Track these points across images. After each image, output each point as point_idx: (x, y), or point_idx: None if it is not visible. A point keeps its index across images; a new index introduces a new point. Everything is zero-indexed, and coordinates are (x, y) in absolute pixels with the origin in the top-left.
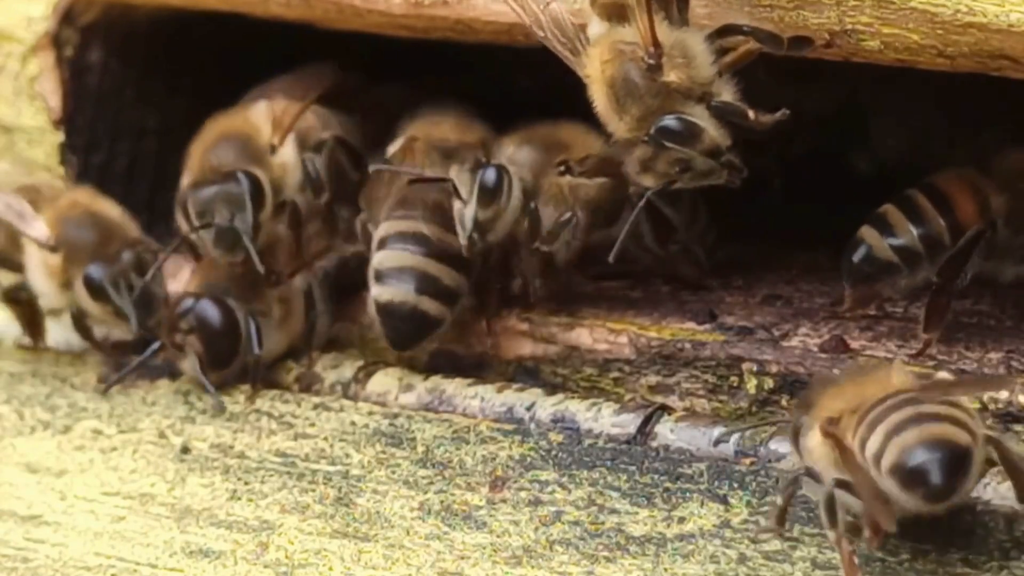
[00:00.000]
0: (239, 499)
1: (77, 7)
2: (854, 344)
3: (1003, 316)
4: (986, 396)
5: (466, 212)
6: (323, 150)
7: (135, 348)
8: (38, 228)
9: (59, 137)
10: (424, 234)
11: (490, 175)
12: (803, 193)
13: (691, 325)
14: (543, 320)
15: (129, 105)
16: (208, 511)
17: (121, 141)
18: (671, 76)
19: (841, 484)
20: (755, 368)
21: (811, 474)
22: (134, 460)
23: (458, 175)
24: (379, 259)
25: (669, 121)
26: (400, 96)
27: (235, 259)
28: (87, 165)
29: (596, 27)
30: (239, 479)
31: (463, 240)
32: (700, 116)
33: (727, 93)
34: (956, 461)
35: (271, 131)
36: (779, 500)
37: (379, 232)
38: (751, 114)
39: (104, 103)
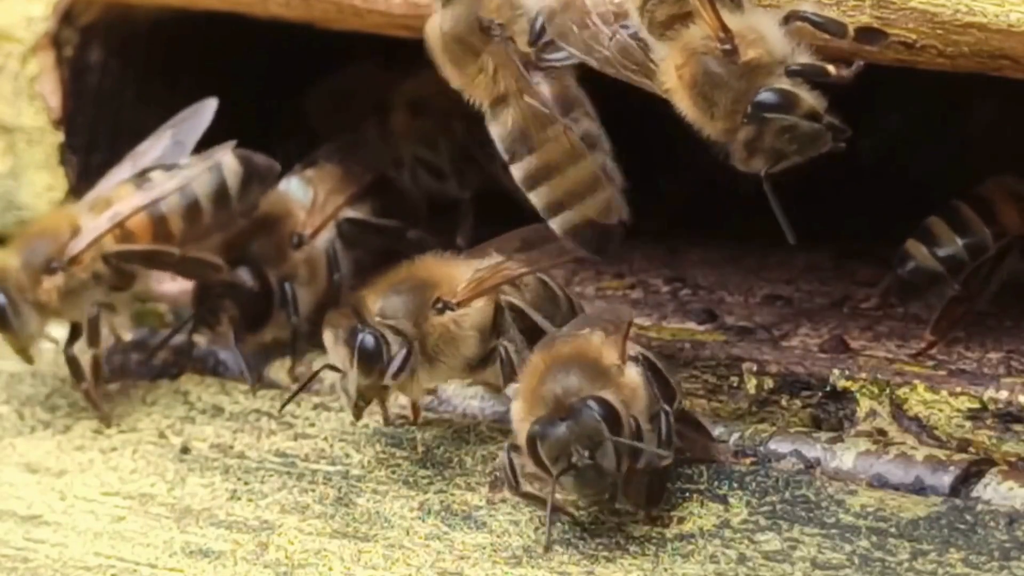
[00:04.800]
0: (239, 499)
1: (77, 7)
2: (854, 344)
3: (1003, 316)
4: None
5: (348, 384)
6: None
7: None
8: None
9: (59, 137)
10: None
11: (368, 341)
12: (804, 192)
13: (691, 325)
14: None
15: (129, 105)
16: (208, 511)
17: (121, 141)
18: (749, 54)
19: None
20: (755, 368)
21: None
22: (134, 460)
23: (333, 347)
24: None
25: (764, 94)
26: None
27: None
28: (87, 165)
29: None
30: (239, 479)
31: (352, 408)
32: (788, 84)
33: (804, 59)
34: None
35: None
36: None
37: None
38: (831, 69)
39: (104, 103)
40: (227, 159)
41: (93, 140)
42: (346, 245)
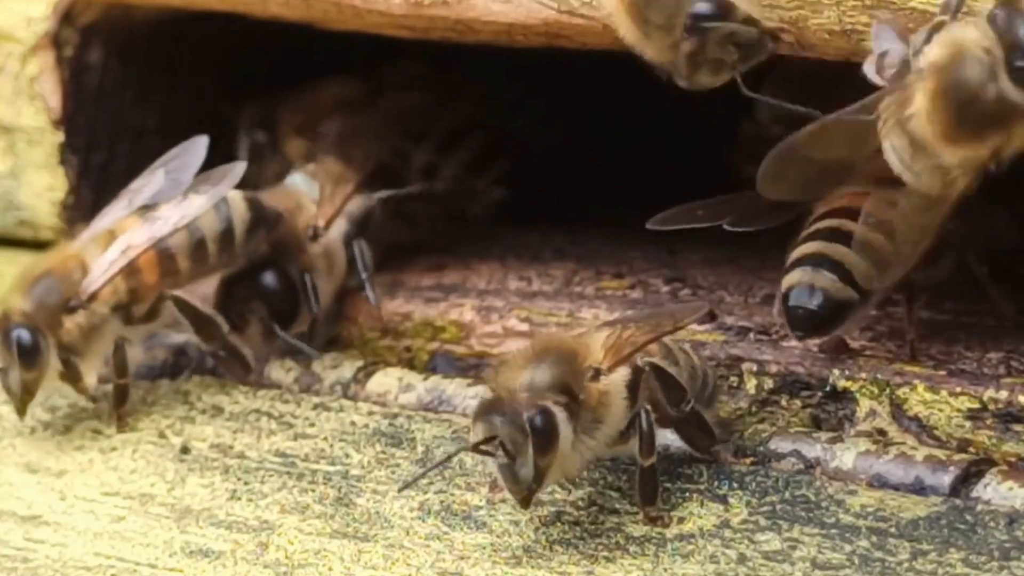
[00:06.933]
0: (239, 499)
1: (77, 7)
2: (854, 344)
3: (1003, 316)
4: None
5: (521, 469)
6: None
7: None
8: None
9: (59, 137)
10: None
11: (538, 420)
12: None
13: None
14: (543, 320)
15: (129, 105)
16: (208, 511)
17: (121, 141)
18: None
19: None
20: (755, 368)
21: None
22: (134, 460)
23: (504, 432)
24: None
25: (699, 4)
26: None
27: None
28: (87, 165)
29: None
30: (239, 479)
31: (520, 495)
32: None
33: None
34: None
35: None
36: None
37: None
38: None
39: (104, 103)
40: (236, 203)
41: (93, 140)
42: (361, 233)
